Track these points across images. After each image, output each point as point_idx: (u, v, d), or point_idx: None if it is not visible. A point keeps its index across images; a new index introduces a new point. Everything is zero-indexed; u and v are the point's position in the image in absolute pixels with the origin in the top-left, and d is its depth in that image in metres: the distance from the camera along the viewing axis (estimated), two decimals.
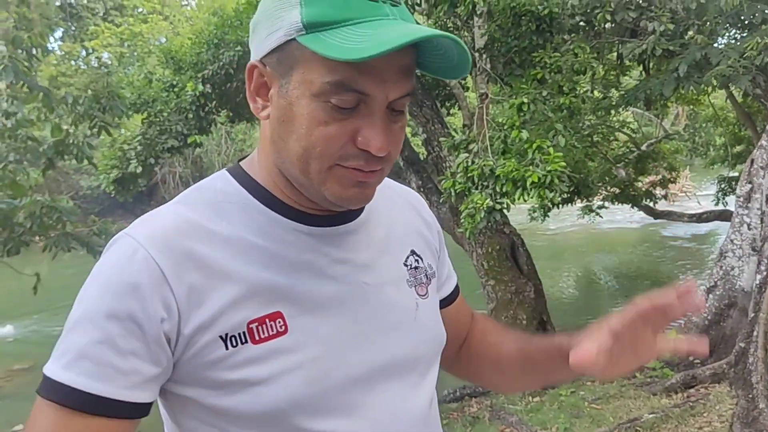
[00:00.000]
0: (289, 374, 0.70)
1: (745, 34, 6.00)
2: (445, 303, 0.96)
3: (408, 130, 14.09)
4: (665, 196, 11.42)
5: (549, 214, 9.77)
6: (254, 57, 0.72)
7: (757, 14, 5.67)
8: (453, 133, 7.54)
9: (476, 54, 7.71)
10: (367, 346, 0.76)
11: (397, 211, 0.90)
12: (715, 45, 5.71)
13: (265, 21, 0.70)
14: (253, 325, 0.70)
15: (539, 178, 4.47)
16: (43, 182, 6.20)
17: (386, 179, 0.83)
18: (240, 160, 0.82)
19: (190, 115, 8.26)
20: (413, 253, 0.87)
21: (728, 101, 8.96)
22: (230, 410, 0.70)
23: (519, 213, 11.95)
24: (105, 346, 0.66)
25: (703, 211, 10.69)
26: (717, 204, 10.13)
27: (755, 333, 3.58)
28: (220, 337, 0.69)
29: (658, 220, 12.03)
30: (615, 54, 7.06)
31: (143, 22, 27.47)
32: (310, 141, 0.68)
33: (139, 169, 8.28)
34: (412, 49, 0.68)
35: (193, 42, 8.64)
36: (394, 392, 0.78)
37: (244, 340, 0.69)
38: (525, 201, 4.93)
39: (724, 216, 8.84)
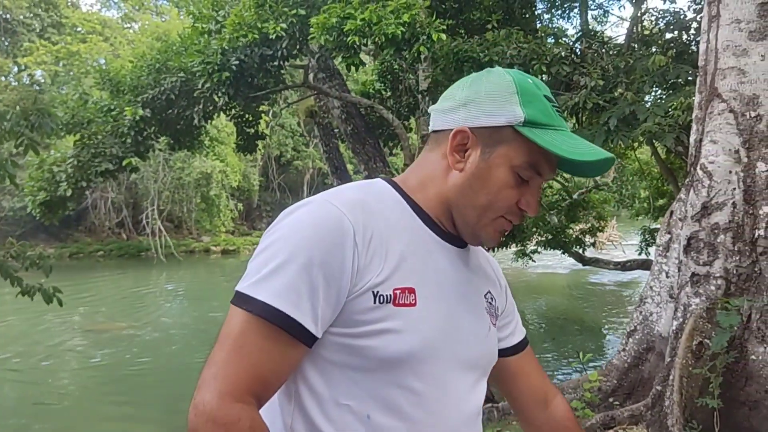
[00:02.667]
0: (410, 334, 0.91)
1: (669, 93, 6.40)
2: (509, 352, 1.17)
3: (350, 167, 14.18)
4: (593, 244, 11.86)
5: None
6: (462, 124, 0.97)
7: (680, 75, 6.07)
8: (394, 172, 7.63)
9: (419, 96, 7.88)
10: (458, 338, 0.98)
11: (483, 257, 1.15)
12: (642, 103, 6.06)
13: (483, 103, 0.96)
14: (398, 292, 0.91)
15: None
16: None
17: None
18: (392, 177, 1.08)
19: (128, 140, 8.01)
20: (489, 293, 1.10)
21: (653, 157, 9.48)
22: (363, 349, 0.90)
23: None
24: (309, 289, 0.86)
25: (627, 260, 11.14)
26: (640, 253, 10.58)
27: (671, 377, 3.72)
28: (372, 291, 0.89)
29: (586, 267, 12.46)
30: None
31: (82, 42, 26.74)
32: (497, 196, 0.96)
33: (69, 192, 7.94)
34: None
35: (134, 65, 8.46)
36: (461, 382, 0.99)
37: (388, 300, 0.90)
38: None
39: (647, 265, 9.24)
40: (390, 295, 0.90)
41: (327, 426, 0.90)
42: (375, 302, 0.89)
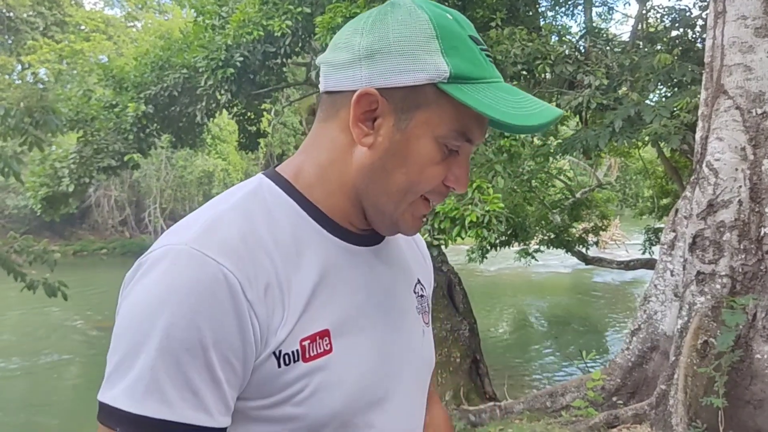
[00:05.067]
0: (332, 391, 0.72)
1: (675, 92, 6.36)
2: None
3: None
4: (597, 243, 11.84)
5: (487, 255, 9.94)
6: (367, 84, 0.71)
7: (686, 74, 6.04)
8: None
9: None
10: (391, 369, 0.80)
11: (405, 240, 0.93)
12: (647, 102, 6.02)
13: (395, 55, 0.71)
14: (306, 343, 0.70)
15: (478, 218, 4.55)
16: None
17: None
18: (275, 167, 0.81)
19: (130, 136, 8.03)
20: (419, 282, 0.91)
21: (657, 156, 9.44)
22: (285, 418, 0.71)
23: (458, 253, 12.11)
24: (208, 380, 0.65)
25: (630, 259, 11.12)
26: (644, 253, 10.55)
27: (676, 376, 3.70)
28: (274, 354, 0.69)
29: (589, 266, 12.45)
30: (554, 104, 7.37)
31: (85, 40, 26.76)
32: (420, 176, 0.73)
33: (71, 188, 7.95)
34: None
35: (137, 62, 8.47)
36: (401, 412, 0.82)
37: (296, 359, 0.70)
38: (462, 239, 5.00)
39: (650, 264, 9.21)
40: (297, 351, 0.69)
41: None
42: (280, 365, 0.69)
